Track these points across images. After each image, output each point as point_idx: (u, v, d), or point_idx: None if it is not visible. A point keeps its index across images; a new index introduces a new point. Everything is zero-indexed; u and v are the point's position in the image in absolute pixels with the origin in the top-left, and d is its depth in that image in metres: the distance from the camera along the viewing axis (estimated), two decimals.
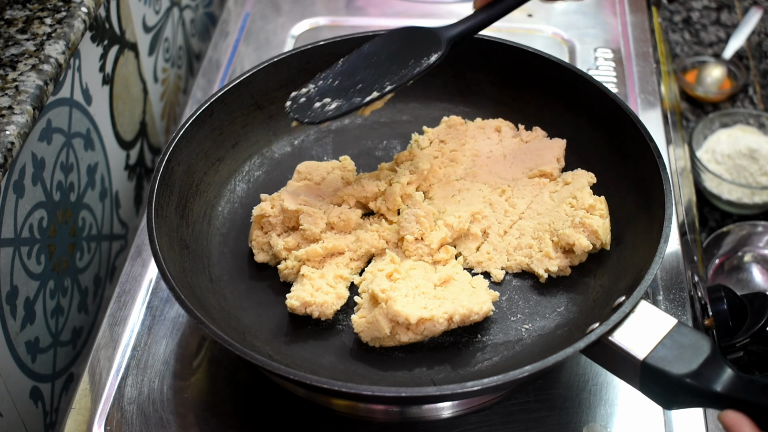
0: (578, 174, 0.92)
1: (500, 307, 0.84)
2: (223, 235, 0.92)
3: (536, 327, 0.82)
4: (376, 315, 0.79)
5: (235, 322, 0.83)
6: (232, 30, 1.28)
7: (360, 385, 0.69)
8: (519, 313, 0.84)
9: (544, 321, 0.83)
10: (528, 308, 0.84)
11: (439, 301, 0.81)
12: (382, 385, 0.77)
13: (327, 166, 0.95)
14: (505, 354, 0.80)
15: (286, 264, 0.86)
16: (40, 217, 0.91)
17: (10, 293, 0.85)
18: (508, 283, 0.87)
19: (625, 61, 1.20)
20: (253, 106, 0.99)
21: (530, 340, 0.81)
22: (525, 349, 0.80)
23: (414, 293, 0.81)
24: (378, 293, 0.79)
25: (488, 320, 0.83)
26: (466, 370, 0.79)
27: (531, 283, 0.87)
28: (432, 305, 0.80)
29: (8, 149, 0.78)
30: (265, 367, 0.70)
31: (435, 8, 1.31)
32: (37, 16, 0.91)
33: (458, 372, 0.79)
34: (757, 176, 1.37)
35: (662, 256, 0.75)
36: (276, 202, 0.89)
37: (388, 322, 0.79)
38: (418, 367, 0.80)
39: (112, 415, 0.82)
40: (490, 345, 0.81)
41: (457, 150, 0.97)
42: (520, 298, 0.86)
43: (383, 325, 0.78)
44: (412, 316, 0.77)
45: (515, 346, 0.81)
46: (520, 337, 0.82)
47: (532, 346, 0.80)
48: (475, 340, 0.81)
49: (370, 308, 0.80)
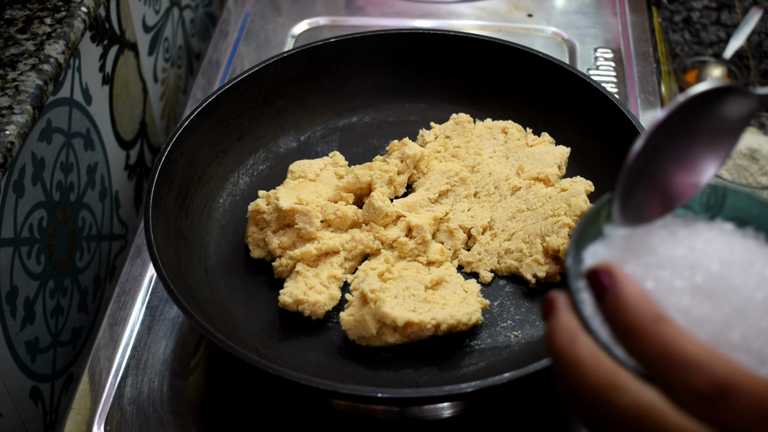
0: (576, 181, 0.92)
1: (491, 313, 0.84)
2: (222, 227, 0.93)
3: (525, 334, 0.82)
4: (364, 314, 0.79)
5: (227, 315, 0.83)
6: (232, 30, 1.28)
7: (338, 384, 0.69)
8: (509, 320, 0.84)
9: (533, 329, 0.83)
10: (519, 315, 0.84)
11: (429, 305, 0.80)
12: (366, 385, 0.77)
13: (319, 163, 0.95)
14: (492, 360, 0.80)
15: (280, 261, 0.86)
16: (40, 217, 0.91)
17: (9, 293, 0.85)
18: (501, 288, 0.87)
19: (625, 61, 1.20)
20: (261, 100, 0.99)
21: (518, 347, 0.81)
22: (512, 356, 0.80)
23: (404, 294, 0.81)
24: (367, 293, 0.79)
25: (478, 325, 0.82)
26: (452, 373, 0.79)
27: (524, 289, 0.87)
28: (422, 308, 0.80)
29: (8, 149, 0.78)
30: (246, 361, 0.70)
31: (435, 8, 1.31)
32: (37, 15, 0.91)
33: (444, 375, 0.79)
34: (757, 176, 1.37)
35: None
36: (271, 199, 0.89)
37: (375, 322, 0.79)
38: (405, 368, 0.79)
39: (112, 415, 0.82)
40: (477, 350, 0.81)
41: (460, 147, 0.98)
42: (512, 304, 0.85)
43: (370, 325, 0.79)
44: (400, 319, 0.77)
45: (502, 353, 0.81)
46: (508, 343, 0.81)
47: (519, 353, 0.80)
48: (463, 344, 0.81)
49: (359, 307, 0.80)
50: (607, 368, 0.41)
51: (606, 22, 1.28)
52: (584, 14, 1.29)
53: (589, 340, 0.42)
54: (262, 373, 0.70)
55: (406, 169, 0.93)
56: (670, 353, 0.40)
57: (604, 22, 1.28)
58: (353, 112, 1.06)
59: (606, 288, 0.42)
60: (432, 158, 0.96)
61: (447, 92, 1.06)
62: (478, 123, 1.00)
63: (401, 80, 1.06)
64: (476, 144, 0.98)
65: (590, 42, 1.24)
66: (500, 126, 0.99)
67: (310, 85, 1.03)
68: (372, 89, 1.06)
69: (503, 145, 0.98)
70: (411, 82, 1.06)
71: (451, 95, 1.06)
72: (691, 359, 0.40)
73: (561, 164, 0.95)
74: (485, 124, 1.00)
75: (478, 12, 1.30)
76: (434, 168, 0.95)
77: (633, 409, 0.40)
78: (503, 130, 0.99)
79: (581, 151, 0.96)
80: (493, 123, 1.00)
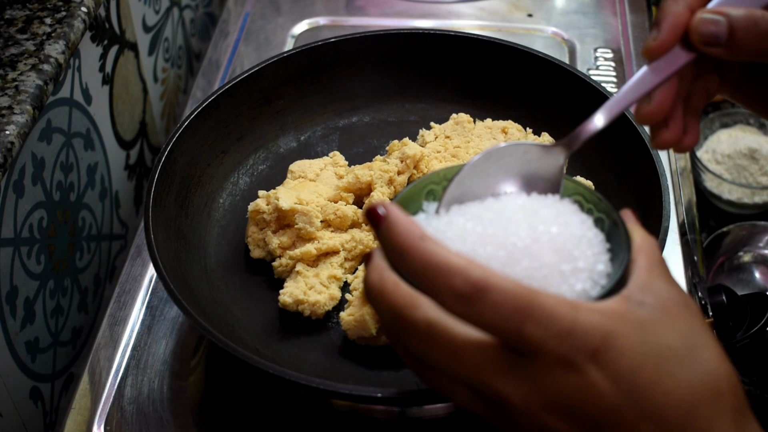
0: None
1: None
2: (222, 227, 0.93)
3: None
4: (364, 314, 0.79)
5: (226, 315, 0.83)
6: (232, 30, 1.28)
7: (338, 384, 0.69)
8: None
9: None
10: None
11: None
12: (366, 385, 0.76)
13: (319, 163, 0.95)
14: None
15: (280, 261, 0.86)
16: (40, 217, 0.91)
17: (9, 293, 0.85)
18: None
19: (625, 61, 1.20)
20: (261, 101, 0.99)
21: None
22: None
23: None
24: None
25: None
26: None
27: None
28: None
29: (8, 149, 0.78)
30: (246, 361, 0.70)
31: (435, 8, 1.31)
32: (37, 15, 0.91)
33: None
34: (757, 176, 1.37)
35: None
36: (271, 199, 0.89)
37: (375, 322, 0.79)
38: (405, 368, 0.79)
39: (112, 415, 0.82)
40: None
41: (460, 147, 0.97)
42: None
43: (370, 325, 0.79)
44: None
45: None
46: None
47: None
48: None
49: (359, 307, 0.80)
50: (404, 292, 0.49)
51: (606, 22, 1.28)
52: (584, 14, 1.29)
53: (392, 274, 0.50)
54: (262, 373, 0.70)
55: (406, 169, 0.93)
56: (433, 263, 0.47)
57: (604, 22, 1.28)
58: (353, 112, 1.06)
59: (380, 218, 0.49)
60: (432, 158, 0.96)
61: (447, 92, 1.06)
62: (478, 123, 1.00)
63: (401, 80, 1.06)
64: (476, 144, 0.98)
65: (590, 42, 1.24)
66: (500, 126, 0.99)
67: (310, 85, 1.03)
68: (372, 89, 1.06)
69: None
70: (411, 82, 1.06)
71: (451, 95, 1.05)
72: (450, 266, 0.46)
73: None
74: (485, 124, 1.00)
75: (478, 12, 1.30)
76: (434, 168, 0.95)
77: (424, 322, 0.47)
78: (503, 130, 0.99)
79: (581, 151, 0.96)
80: (493, 123, 1.00)
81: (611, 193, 0.90)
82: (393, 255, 0.49)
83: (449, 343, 0.47)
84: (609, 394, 0.45)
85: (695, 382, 0.46)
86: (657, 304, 0.48)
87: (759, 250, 1.27)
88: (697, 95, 0.64)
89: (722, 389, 0.47)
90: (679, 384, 0.46)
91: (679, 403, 0.46)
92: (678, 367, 0.46)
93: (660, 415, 0.46)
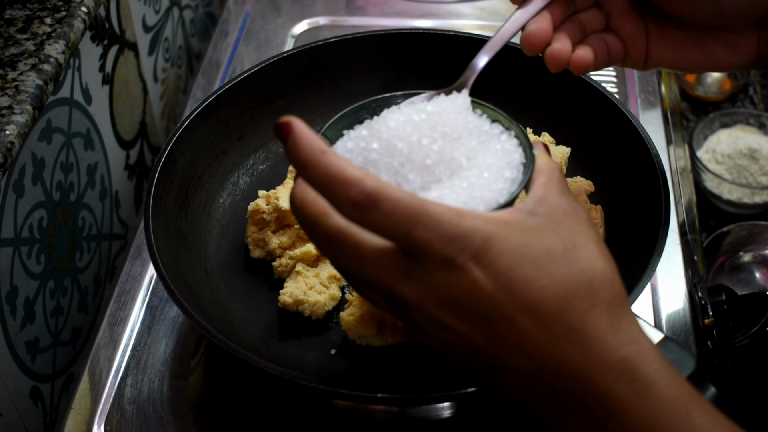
0: (576, 181, 0.92)
1: None
2: (222, 227, 0.93)
3: None
4: (364, 314, 0.79)
5: (227, 315, 0.83)
6: (232, 30, 1.28)
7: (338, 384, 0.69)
8: None
9: None
10: None
11: None
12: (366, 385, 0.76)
13: None
14: None
15: (280, 261, 0.86)
16: (40, 217, 0.91)
17: (9, 293, 0.85)
18: None
19: None
20: (261, 101, 0.99)
21: None
22: None
23: None
24: None
25: None
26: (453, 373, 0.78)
27: None
28: None
29: (8, 149, 0.78)
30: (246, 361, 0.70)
31: (435, 8, 1.31)
32: (37, 15, 0.91)
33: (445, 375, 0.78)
34: (757, 176, 1.37)
35: (653, 270, 0.75)
36: (271, 199, 0.89)
37: (375, 322, 0.79)
38: (406, 368, 0.79)
39: (112, 414, 0.82)
40: None
41: None
42: None
43: (370, 324, 0.79)
44: None
45: None
46: None
47: None
48: None
49: (359, 306, 0.80)
50: (319, 203, 0.53)
51: None
52: None
53: (312, 191, 0.53)
54: (263, 373, 0.70)
55: None
56: (332, 175, 0.51)
57: None
58: None
59: (287, 133, 0.53)
60: None
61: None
62: None
63: (401, 80, 1.06)
64: None
65: None
66: None
67: (310, 85, 1.03)
68: (372, 89, 1.06)
69: None
70: (411, 82, 1.06)
71: None
72: (347, 177, 0.50)
73: (561, 164, 0.95)
74: None
75: (478, 12, 1.30)
76: None
77: (334, 229, 0.52)
78: None
79: (581, 151, 0.96)
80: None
81: (611, 193, 0.90)
82: (298, 168, 0.53)
83: (354, 248, 0.52)
84: (488, 290, 0.50)
85: (569, 279, 0.51)
86: (546, 213, 0.54)
87: (759, 250, 1.27)
88: (591, 22, 0.75)
89: (596, 284, 0.52)
90: (553, 280, 0.51)
91: (553, 297, 0.51)
92: (554, 265, 0.51)
93: (535, 308, 0.50)
